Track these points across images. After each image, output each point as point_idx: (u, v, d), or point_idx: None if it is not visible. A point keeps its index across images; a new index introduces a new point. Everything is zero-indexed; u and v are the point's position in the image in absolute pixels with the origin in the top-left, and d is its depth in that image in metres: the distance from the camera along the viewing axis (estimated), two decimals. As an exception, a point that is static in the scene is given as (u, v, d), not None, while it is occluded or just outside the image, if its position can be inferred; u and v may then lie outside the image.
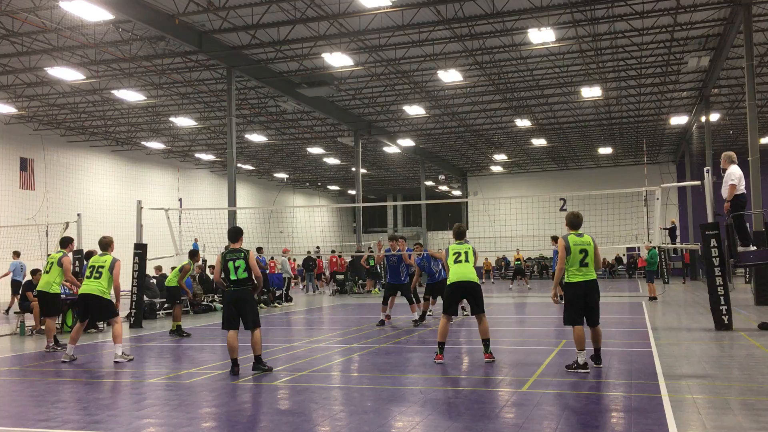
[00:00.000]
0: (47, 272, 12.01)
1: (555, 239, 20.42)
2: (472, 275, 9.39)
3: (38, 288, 12.18)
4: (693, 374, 8.18)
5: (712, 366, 8.77)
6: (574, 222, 8.64)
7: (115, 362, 9.96)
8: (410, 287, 15.04)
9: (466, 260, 9.43)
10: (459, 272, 9.36)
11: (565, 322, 8.54)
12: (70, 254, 12.54)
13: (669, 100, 31.22)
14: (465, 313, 15.61)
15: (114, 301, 10.66)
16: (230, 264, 8.87)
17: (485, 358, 9.25)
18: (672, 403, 6.54)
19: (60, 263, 11.83)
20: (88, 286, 10.36)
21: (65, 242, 12.33)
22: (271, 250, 31.93)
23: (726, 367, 8.85)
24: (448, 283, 9.48)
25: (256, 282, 9.07)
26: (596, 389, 7.50)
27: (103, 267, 10.41)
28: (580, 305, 8.38)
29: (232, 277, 8.85)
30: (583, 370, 8.27)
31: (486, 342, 9.32)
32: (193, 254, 14.87)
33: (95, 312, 10.71)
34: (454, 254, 9.50)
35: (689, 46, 23.26)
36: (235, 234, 9.24)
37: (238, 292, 8.86)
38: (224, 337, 9.32)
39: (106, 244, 10.82)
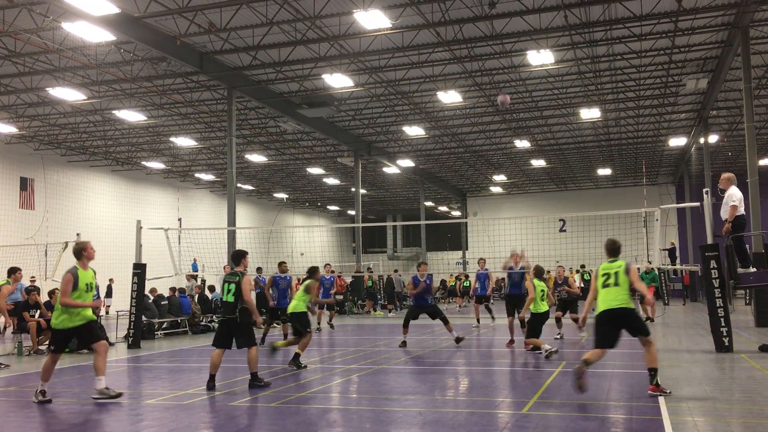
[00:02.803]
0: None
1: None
2: (623, 301, 8.12)
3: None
4: (694, 396, 8.13)
5: (713, 388, 8.72)
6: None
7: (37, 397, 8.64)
8: (438, 307, 15.02)
9: (616, 283, 8.18)
10: (607, 299, 8.19)
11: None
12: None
13: (668, 121, 31.34)
14: (475, 326, 15.94)
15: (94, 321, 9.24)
16: (225, 286, 9.37)
17: (650, 391, 8.05)
18: (673, 426, 6.50)
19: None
20: None
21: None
22: (271, 270, 31.83)
23: (727, 389, 8.80)
24: (596, 312, 8.34)
25: (246, 305, 9.21)
26: (597, 411, 7.45)
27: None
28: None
29: (224, 299, 9.32)
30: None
31: (652, 372, 8.07)
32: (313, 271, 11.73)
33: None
34: (603, 275, 8.32)
35: (687, 69, 23.41)
36: (234, 257, 9.63)
37: (227, 316, 9.31)
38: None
39: (75, 252, 8.89)
